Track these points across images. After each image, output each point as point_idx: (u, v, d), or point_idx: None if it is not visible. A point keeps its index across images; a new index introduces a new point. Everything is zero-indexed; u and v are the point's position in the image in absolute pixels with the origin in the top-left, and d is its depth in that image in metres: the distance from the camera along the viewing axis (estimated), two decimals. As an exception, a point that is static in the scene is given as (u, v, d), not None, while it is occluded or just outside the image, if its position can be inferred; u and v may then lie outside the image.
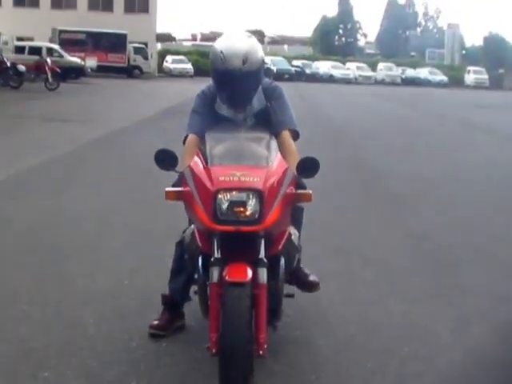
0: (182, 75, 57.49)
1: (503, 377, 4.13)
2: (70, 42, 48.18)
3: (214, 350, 3.62)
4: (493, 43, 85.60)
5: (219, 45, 4.25)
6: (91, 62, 45.83)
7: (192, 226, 4.01)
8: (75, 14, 55.87)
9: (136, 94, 34.03)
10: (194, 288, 4.37)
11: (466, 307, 5.21)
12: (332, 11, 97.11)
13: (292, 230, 4.14)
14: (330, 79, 61.58)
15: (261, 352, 3.62)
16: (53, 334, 4.45)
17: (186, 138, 4.40)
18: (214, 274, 3.65)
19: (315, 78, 61.16)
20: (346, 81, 62.39)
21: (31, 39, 45.92)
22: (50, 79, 32.01)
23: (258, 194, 3.63)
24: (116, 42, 52.22)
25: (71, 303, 5.02)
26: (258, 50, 4.29)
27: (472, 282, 5.84)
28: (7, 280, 5.45)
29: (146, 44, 56.09)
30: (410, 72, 71.38)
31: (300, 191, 3.97)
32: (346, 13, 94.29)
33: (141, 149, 12.33)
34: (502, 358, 4.41)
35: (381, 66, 70.67)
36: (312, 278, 4.76)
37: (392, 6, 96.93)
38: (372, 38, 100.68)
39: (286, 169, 3.86)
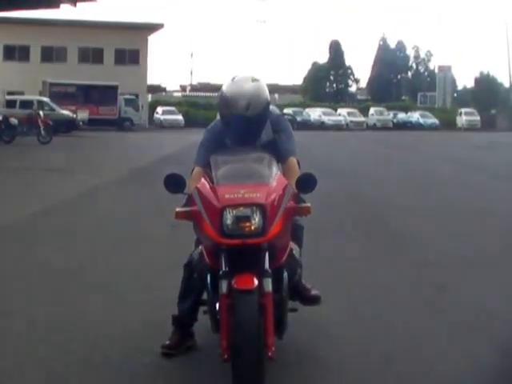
0: (172, 126, 57.50)
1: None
2: (60, 94, 48.17)
3: (225, 356, 3.93)
4: (484, 84, 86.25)
5: (226, 90, 4.57)
6: (83, 115, 45.80)
7: (200, 246, 4.36)
8: (65, 67, 56.36)
9: (128, 146, 34.18)
10: (202, 309, 4.69)
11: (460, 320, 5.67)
12: (323, 57, 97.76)
13: (293, 245, 4.49)
14: (322, 126, 61.59)
15: (270, 354, 3.92)
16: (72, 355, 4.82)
17: (193, 170, 4.69)
18: (223, 285, 3.97)
19: (306, 125, 60.93)
20: (338, 127, 62.34)
21: (21, 93, 46.51)
22: (43, 132, 32.00)
23: (261, 208, 3.96)
24: (107, 94, 52.26)
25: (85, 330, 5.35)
26: (261, 94, 4.59)
27: (465, 298, 6.39)
28: (24, 310, 5.86)
29: (136, 95, 56.51)
30: (402, 116, 71.84)
31: (300, 205, 4.27)
32: (337, 59, 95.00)
33: (136, 197, 13.38)
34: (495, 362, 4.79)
35: (372, 110, 71.07)
36: (314, 292, 5.02)
37: (383, 50, 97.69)
38: (363, 82, 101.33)
39: (286, 185, 4.18)
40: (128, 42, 59.33)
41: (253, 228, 3.96)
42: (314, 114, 65.73)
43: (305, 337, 5.23)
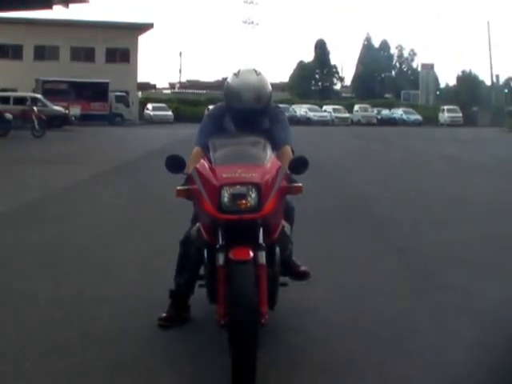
0: (162, 122, 58.14)
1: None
2: (53, 91, 48.64)
3: (222, 322, 4.15)
4: (466, 82, 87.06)
5: (234, 84, 4.92)
6: (75, 111, 46.39)
7: (197, 224, 4.58)
8: (58, 65, 56.77)
9: (119, 139, 34.64)
10: (198, 283, 5.01)
11: (444, 302, 5.96)
12: (309, 56, 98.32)
13: (285, 223, 4.70)
14: (308, 122, 62.27)
15: (263, 321, 4.15)
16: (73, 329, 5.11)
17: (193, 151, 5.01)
18: (220, 258, 4.19)
19: (293, 121, 61.92)
20: (323, 123, 63.36)
21: (15, 90, 46.31)
22: (37, 127, 32.62)
23: (257, 187, 4.18)
24: (98, 91, 52.99)
25: (87, 305, 5.69)
26: (266, 86, 4.98)
27: (447, 281, 6.66)
28: (27, 289, 6.13)
29: (127, 92, 57.11)
30: (386, 112, 72.84)
31: (292, 184, 4.51)
32: (322, 57, 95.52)
33: (129, 184, 14.30)
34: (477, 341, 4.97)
35: (357, 107, 72.07)
36: (303, 268, 5.29)
37: (367, 49, 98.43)
38: (348, 80, 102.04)
39: (279, 167, 4.44)
40: (119, 42, 59.96)
41: (248, 205, 4.18)
42: (300, 110, 66.56)
43: (292, 312, 5.47)
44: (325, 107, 70.85)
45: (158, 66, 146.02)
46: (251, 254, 4.16)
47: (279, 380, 4.28)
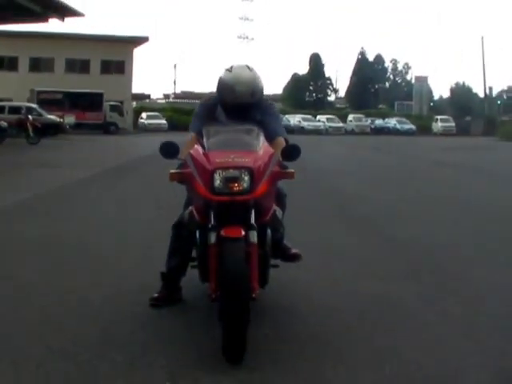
0: (156, 130, 58.15)
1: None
2: (47, 101, 48.66)
3: (213, 296, 4.28)
4: (459, 93, 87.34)
5: (228, 79, 4.98)
6: (69, 120, 46.51)
7: (190, 207, 4.69)
8: (53, 77, 57.09)
9: (112, 146, 34.92)
10: (190, 265, 5.15)
11: (434, 285, 6.24)
12: (303, 69, 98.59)
13: (277, 208, 4.81)
14: (301, 131, 62.03)
15: (254, 295, 4.25)
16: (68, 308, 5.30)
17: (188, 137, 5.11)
18: (212, 237, 4.30)
19: (287, 130, 60.97)
20: (317, 132, 63.29)
21: (10, 101, 45.96)
22: (32, 134, 32.86)
23: (249, 170, 4.27)
24: (93, 101, 53.21)
25: (81, 287, 5.89)
26: (260, 81, 5.06)
27: (436, 265, 7.03)
28: (26, 273, 6.39)
29: (121, 102, 57.21)
30: (379, 122, 73.09)
31: (285, 170, 4.62)
32: (317, 70, 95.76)
33: (120, 185, 14.83)
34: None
35: (350, 117, 72.37)
36: (294, 250, 5.39)
37: (361, 63, 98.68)
38: (342, 92, 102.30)
39: (272, 153, 4.53)
40: (114, 54, 60.46)
41: (241, 188, 4.27)
42: (294, 119, 66.70)
43: (281, 294, 5.66)
44: (318, 117, 71.14)
45: (153, 77, 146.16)
46: (242, 232, 4.25)
47: (269, 352, 4.35)
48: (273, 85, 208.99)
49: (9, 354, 4.23)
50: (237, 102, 4.93)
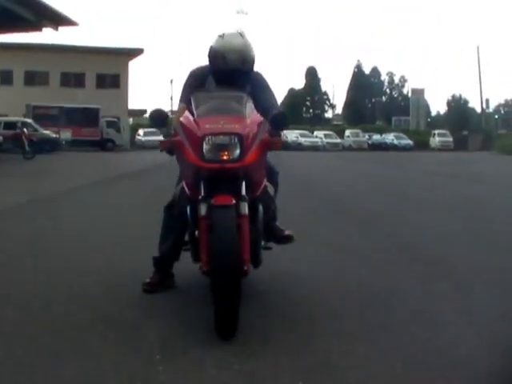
0: (154, 147, 57.49)
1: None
2: (43, 117, 48.13)
3: (204, 269, 4.22)
4: (456, 107, 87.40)
5: (219, 45, 4.91)
6: (65, 135, 46.40)
7: (180, 184, 4.70)
8: (48, 91, 56.75)
9: (108, 162, 34.43)
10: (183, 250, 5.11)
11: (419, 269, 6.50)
12: (299, 83, 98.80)
13: (269, 185, 4.86)
14: (299, 147, 61.78)
15: (245, 268, 4.22)
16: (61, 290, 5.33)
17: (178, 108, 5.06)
18: (202, 208, 4.26)
19: (284, 146, 61.47)
20: (314, 148, 63.00)
21: (5, 116, 45.49)
22: (27, 148, 32.49)
23: (239, 137, 4.26)
24: (89, 116, 52.60)
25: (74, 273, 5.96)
26: (251, 48, 4.99)
27: (424, 254, 7.32)
28: (19, 262, 6.54)
29: (118, 118, 56.73)
30: (377, 137, 72.85)
31: (273, 138, 4.54)
32: (313, 85, 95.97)
33: (109, 192, 15.33)
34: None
35: (348, 132, 72.23)
36: (287, 232, 5.35)
37: (357, 76, 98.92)
38: (339, 106, 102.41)
39: (261, 121, 4.52)
40: (109, 67, 59.97)
41: (230, 155, 4.24)
42: (291, 135, 65.99)
43: (274, 279, 5.74)
44: (316, 133, 70.97)
45: (149, 92, 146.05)
46: (233, 200, 4.22)
47: (264, 328, 4.36)
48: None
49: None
50: (227, 69, 4.87)
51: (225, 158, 4.24)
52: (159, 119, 4.71)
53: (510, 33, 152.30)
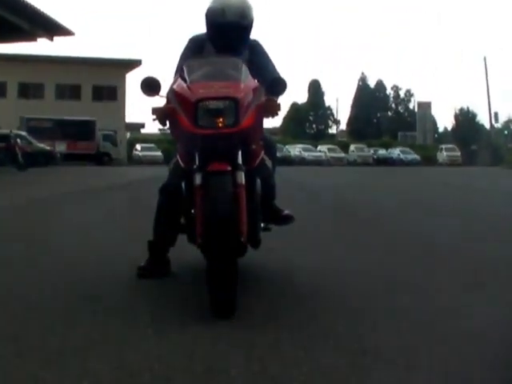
0: (151, 162, 56.32)
1: None
2: (37, 129, 47.24)
3: (199, 241, 4.04)
4: (464, 121, 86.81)
5: (217, 2, 4.88)
6: (60, 148, 45.73)
7: (174, 159, 4.74)
8: (43, 103, 56.50)
9: (105, 175, 33.78)
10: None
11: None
12: (302, 97, 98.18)
13: (266, 157, 4.77)
14: (302, 162, 61.13)
15: (242, 239, 4.06)
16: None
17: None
18: (197, 178, 4.09)
19: (287, 161, 60.18)
20: (318, 163, 62.11)
21: None
22: (21, 159, 32.06)
23: (234, 101, 4.10)
24: (85, 130, 51.95)
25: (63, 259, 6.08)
26: (251, 7, 4.94)
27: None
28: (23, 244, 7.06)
29: (115, 132, 56.09)
30: (382, 152, 72.02)
31: (270, 101, 4.43)
32: (317, 98, 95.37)
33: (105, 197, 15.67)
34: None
35: (352, 147, 71.51)
36: (286, 212, 5.26)
37: (362, 90, 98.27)
38: (343, 121, 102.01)
39: (257, 86, 4.41)
40: (106, 79, 59.71)
41: (226, 120, 4.08)
42: (294, 150, 65.49)
43: (272, 262, 5.88)
44: (319, 147, 70.28)
45: (147, 105, 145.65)
46: (229, 167, 4.10)
47: (264, 307, 4.24)
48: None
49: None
50: (226, 23, 4.81)
51: (220, 123, 4.10)
52: (151, 88, 4.48)
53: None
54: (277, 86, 4.45)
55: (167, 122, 4.48)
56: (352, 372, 3.05)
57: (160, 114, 4.41)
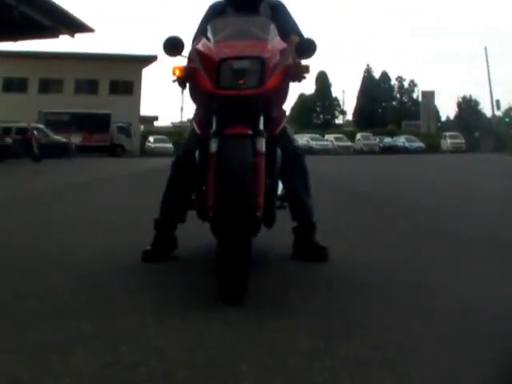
0: (162, 154, 55.70)
1: None
2: (54, 123, 47.93)
3: (211, 214, 3.63)
4: (466, 109, 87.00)
5: None
6: (76, 139, 46.12)
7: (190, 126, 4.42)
8: (62, 98, 57.03)
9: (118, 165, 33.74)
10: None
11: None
12: (309, 89, 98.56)
13: (288, 125, 4.51)
14: (310, 151, 61.49)
15: (258, 214, 3.64)
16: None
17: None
18: (213, 145, 3.72)
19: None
20: (325, 151, 62.58)
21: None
22: (36, 151, 32.34)
23: (260, 61, 3.75)
24: (100, 122, 52.43)
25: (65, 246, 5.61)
26: None
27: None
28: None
29: (129, 124, 56.63)
30: (388, 140, 72.42)
31: (298, 63, 4.05)
32: (323, 90, 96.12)
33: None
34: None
35: (359, 135, 71.87)
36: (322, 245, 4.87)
37: (367, 81, 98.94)
38: (350, 113, 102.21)
39: (285, 47, 3.99)
40: (122, 74, 60.36)
41: (249, 81, 3.75)
42: (302, 139, 65.12)
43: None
44: (327, 136, 70.71)
45: (161, 99, 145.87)
46: (250, 132, 3.71)
47: (278, 294, 3.83)
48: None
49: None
50: None
51: (243, 84, 3.72)
52: (175, 48, 4.12)
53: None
54: (305, 47, 4.11)
55: (187, 85, 4.16)
56: (385, 367, 2.60)
57: (180, 74, 4.07)
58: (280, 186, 4.51)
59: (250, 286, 3.59)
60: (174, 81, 4.11)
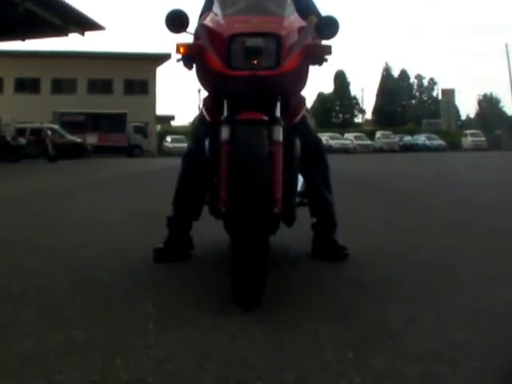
0: (180, 154, 56.69)
1: None
2: (70, 123, 47.87)
3: (223, 209, 3.35)
4: (487, 107, 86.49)
5: None
6: (91, 139, 46.09)
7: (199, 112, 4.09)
8: (75, 98, 57.05)
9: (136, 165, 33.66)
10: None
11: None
12: (328, 88, 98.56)
13: (308, 115, 4.24)
14: (329, 150, 61.38)
15: (276, 210, 3.30)
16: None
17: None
18: (224, 132, 3.39)
19: (314, 149, 61.11)
20: (345, 150, 62.09)
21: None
22: (51, 151, 32.05)
23: (276, 39, 3.34)
24: (116, 122, 52.14)
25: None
26: None
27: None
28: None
29: (146, 124, 56.37)
30: (408, 138, 71.79)
31: (319, 43, 3.64)
32: (342, 89, 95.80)
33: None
34: None
35: (378, 134, 71.24)
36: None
37: (386, 80, 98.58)
38: (369, 112, 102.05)
39: (304, 25, 3.59)
40: (137, 73, 60.24)
41: (264, 61, 3.32)
42: (322, 138, 65.56)
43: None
44: (346, 135, 70.28)
45: (177, 98, 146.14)
46: (266, 118, 3.32)
47: (298, 296, 3.45)
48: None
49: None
50: None
51: (257, 64, 3.30)
52: (179, 23, 3.56)
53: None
54: (327, 25, 3.57)
55: (193, 65, 3.69)
56: (424, 381, 2.25)
57: (186, 52, 3.57)
58: (300, 180, 4.13)
59: (268, 287, 3.21)
60: (178, 60, 3.66)
